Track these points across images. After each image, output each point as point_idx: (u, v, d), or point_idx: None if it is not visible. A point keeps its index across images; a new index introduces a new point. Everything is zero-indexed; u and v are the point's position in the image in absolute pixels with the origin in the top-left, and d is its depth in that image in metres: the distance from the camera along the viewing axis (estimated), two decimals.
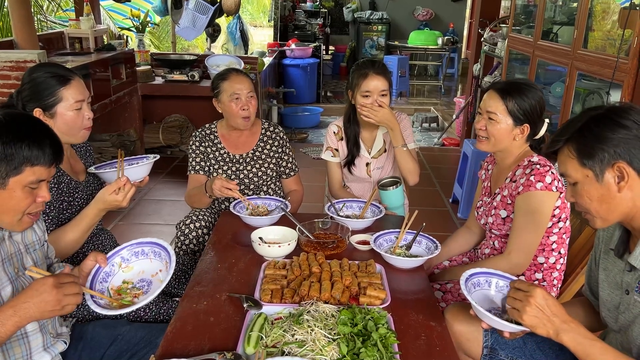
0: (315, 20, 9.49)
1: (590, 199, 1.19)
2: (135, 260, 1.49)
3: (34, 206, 1.26)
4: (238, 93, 2.24)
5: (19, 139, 1.19)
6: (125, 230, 3.64)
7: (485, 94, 1.84)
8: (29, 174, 1.21)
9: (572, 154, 1.19)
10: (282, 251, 1.73)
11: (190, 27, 5.26)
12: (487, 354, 1.52)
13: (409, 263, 1.70)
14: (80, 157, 1.92)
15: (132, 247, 1.51)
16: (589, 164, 1.17)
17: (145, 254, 1.50)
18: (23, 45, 3.68)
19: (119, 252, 1.49)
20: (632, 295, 1.21)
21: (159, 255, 1.49)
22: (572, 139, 1.19)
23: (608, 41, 3.04)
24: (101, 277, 1.41)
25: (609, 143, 1.14)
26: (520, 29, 4.51)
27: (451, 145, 6.17)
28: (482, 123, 1.83)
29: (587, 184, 1.18)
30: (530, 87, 1.79)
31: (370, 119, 2.24)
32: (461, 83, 9.54)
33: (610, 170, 1.15)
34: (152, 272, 1.47)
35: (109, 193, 1.62)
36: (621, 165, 1.14)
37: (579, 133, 1.18)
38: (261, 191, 2.38)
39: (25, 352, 1.30)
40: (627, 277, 1.24)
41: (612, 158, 1.14)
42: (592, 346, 1.12)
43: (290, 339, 1.27)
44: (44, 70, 1.70)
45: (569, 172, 1.21)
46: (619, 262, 1.27)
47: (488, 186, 1.97)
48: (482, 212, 1.95)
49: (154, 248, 1.51)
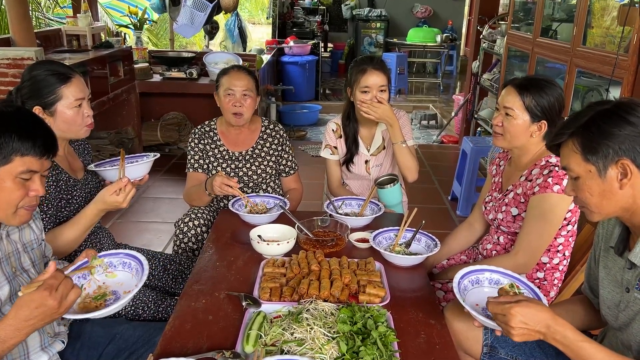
0: (314, 18, 9.46)
1: (591, 194, 1.18)
2: (121, 270, 1.45)
3: (27, 200, 1.24)
4: (232, 90, 2.23)
5: (8, 129, 1.18)
6: (124, 228, 3.63)
7: (504, 89, 1.81)
8: (19, 164, 1.19)
9: (576, 148, 1.18)
10: (281, 249, 1.72)
11: (188, 25, 5.24)
12: (487, 352, 1.52)
13: (409, 261, 1.69)
14: (78, 155, 1.91)
15: (120, 257, 1.47)
16: (593, 160, 1.15)
17: (130, 268, 1.46)
18: (20, 42, 3.66)
19: (110, 256, 1.46)
20: (632, 293, 1.21)
21: (138, 273, 1.43)
22: (577, 133, 1.18)
23: (607, 38, 3.03)
24: (82, 273, 1.38)
25: (615, 139, 1.13)
26: (519, 26, 4.51)
27: (450, 142, 6.16)
28: (498, 119, 1.79)
29: (589, 179, 1.17)
30: (549, 84, 1.75)
31: (370, 115, 2.23)
32: (460, 80, 9.53)
33: (613, 166, 1.14)
34: (127, 288, 1.41)
35: (109, 194, 1.61)
36: (625, 163, 1.13)
37: (584, 127, 1.17)
38: (260, 189, 2.37)
39: (22, 352, 1.29)
40: (627, 275, 1.23)
41: (616, 155, 1.13)
42: (581, 348, 1.11)
43: (289, 337, 1.26)
44: (45, 68, 1.68)
45: (571, 166, 1.20)
46: (619, 260, 1.26)
47: (499, 182, 1.95)
48: (491, 207, 1.93)
49: (138, 266, 1.45)
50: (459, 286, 1.38)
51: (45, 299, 1.09)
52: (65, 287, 1.14)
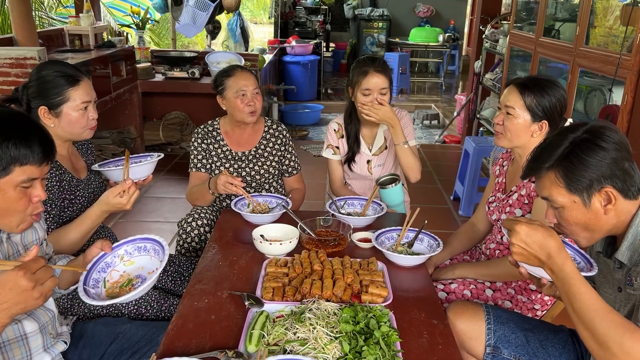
0: (316, 17, 9.46)
1: (577, 223, 1.21)
2: (138, 255, 1.51)
3: (32, 207, 1.23)
4: (244, 90, 2.23)
5: (5, 138, 1.15)
6: (126, 228, 3.63)
7: (506, 88, 1.81)
8: (19, 174, 1.17)
9: (559, 181, 1.19)
10: (283, 249, 1.72)
11: (191, 24, 5.24)
12: (490, 352, 1.52)
13: (411, 261, 1.69)
14: (81, 155, 1.91)
15: (135, 242, 1.52)
16: (577, 191, 1.17)
17: (147, 250, 1.52)
18: (23, 42, 3.67)
19: (123, 245, 1.51)
20: (624, 291, 1.22)
21: (158, 254, 1.50)
22: (557, 166, 1.19)
23: (610, 37, 3.02)
24: (100, 267, 1.42)
25: (595, 169, 1.15)
26: (521, 26, 4.50)
27: (452, 142, 6.15)
28: (499, 118, 1.80)
29: (575, 210, 1.19)
30: (552, 84, 1.74)
31: (371, 118, 2.23)
32: (462, 80, 9.52)
33: (597, 195, 1.16)
34: (150, 269, 1.47)
35: (113, 196, 1.60)
36: (608, 190, 1.15)
37: (565, 159, 1.18)
38: (263, 189, 2.38)
39: (25, 353, 1.29)
40: (617, 275, 1.25)
41: (599, 184, 1.15)
42: (572, 285, 1.10)
43: (292, 337, 1.26)
44: (54, 69, 1.68)
45: (554, 198, 1.21)
46: (609, 261, 1.28)
47: (503, 182, 1.95)
48: (494, 207, 1.93)
49: (154, 245, 1.52)
50: None
51: (19, 279, 1.03)
52: (44, 273, 1.09)
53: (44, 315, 1.35)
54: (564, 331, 1.54)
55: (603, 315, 1.06)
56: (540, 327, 1.54)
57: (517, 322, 1.55)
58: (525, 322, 1.56)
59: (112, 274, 1.45)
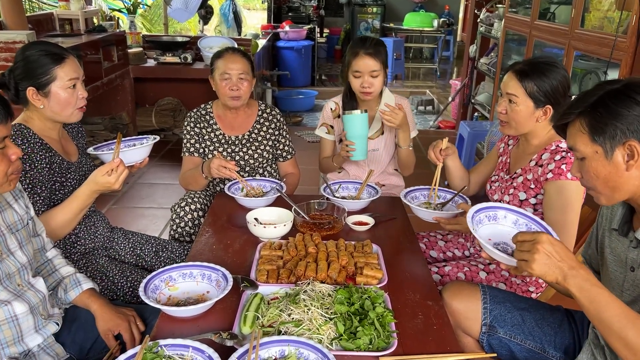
0: (310, 2, 9.36)
1: (597, 176, 1.17)
2: (182, 282, 1.46)
3: (12, 167, 1.28)
4: (229, 73, 2.20)
5: None
6: (119, 214, 3.61)
7: (505, 75, 1.77)
8: None
9: (583, 128, 1.16)
10: (277, 232, 1.71)
11: (183, 9, 5.18)
12: (485, 332, 1.52)
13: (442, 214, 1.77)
14: (72, 138, 1.88)
15: (180, 269, 1.48)
16: (600, 140, 1.13)
17: (193, 277, 1.47)
18: (12, 26, 3.61)
19: (169, 271, 1.47)
20: (637, 272, 1.21)
21: (209, 278, 1.46)
22: (584, 113, 1.16)
23: (606, 20, 3.00)
24: (151, 288, 1.40)
25: (623, 120, 1.10)
26: (516, 10, 4.47)
27: (447, 127, 6.15)
28: (502, 106, 1.76)
29: (595, 160, 1.15)
30: (551, 67, 1.70)
31: (392, 124, 2.20)
32: (457, 65, 9.49)
33: (620, 148, 1.12)
34: (199, 293, 1.43)
35: (101, 174, 1.58)
36: (633, 144, 1.11)
37: (592, 107, 1.14)
38: (257, 173, 2.36)
39: (16, 334, 1.29)
40: (632, 254, 1.22)
41: (624, 136, 1.11)
42: (598, 294, 1.08)
43: (286, 318, 1.26)
44: (38, 49, 1.65)
45: (577, 147, 1.18)
46: (624, 240, 1.25)
47: (507, 162, 1.92)
48: (496, 187, 1.91)
49: (203, 270, 1.48)
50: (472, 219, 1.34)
51: None
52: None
53: (34, 297, 1.34)
54: (560, 311, 1.54)
55: (634, 322, 1.05)
56: (536, 307, 1.54)
57: (513, 301, 1.55)
58: (522, 302, 1.56)
59: (160, 297, 1.42)
